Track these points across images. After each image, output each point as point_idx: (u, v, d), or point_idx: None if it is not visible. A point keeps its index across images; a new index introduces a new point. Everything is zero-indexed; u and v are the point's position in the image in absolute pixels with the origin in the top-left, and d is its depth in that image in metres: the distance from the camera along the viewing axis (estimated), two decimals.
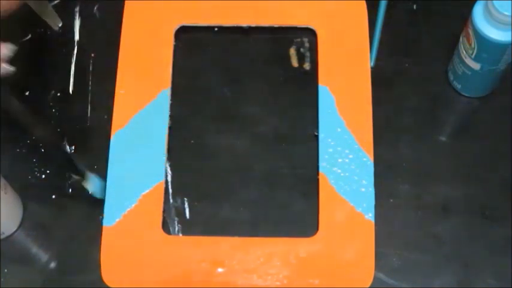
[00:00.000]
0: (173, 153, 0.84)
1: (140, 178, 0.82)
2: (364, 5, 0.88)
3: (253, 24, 0.88)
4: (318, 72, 0.86)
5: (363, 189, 0.81)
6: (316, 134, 0.83)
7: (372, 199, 0.80)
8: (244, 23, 0.89)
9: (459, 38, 0.82)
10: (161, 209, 0.81)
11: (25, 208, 0.82)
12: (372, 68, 0.86)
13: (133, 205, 0.81)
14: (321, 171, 0.82)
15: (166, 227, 0.81)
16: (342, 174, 0.81)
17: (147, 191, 0.82)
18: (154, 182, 0.82)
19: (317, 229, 0.80)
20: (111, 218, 0.80)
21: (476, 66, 0.81)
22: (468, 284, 0.79)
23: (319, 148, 0.83)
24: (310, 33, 0.88)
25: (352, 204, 0.80)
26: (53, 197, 0.83)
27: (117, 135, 0.84)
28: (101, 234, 0.80)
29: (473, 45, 0.79)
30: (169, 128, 0.84)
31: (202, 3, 0.89)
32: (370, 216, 0.80)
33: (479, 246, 0.80)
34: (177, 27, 0.89)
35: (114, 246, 0.80)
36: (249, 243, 0.80)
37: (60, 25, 0.84)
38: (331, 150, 0.82)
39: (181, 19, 0.89)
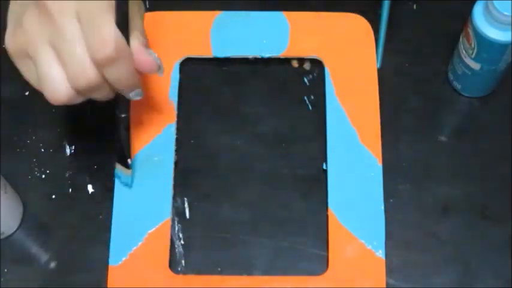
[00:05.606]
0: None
1: (146, 216, 0.79)
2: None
3: (258, 56, 0.87)
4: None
5: (373, 226, 0.79)
6: (324, 168, 0.82)
7: (383, 235, 0.78)
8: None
9: (459, 38, 0.82)
10: (168, 248, 0.79)
11: (25, 208, 0.82)
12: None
13: (139, 243, 0.78)
14: (329, 207, 0.80)
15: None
16: (351, 211, 0.79)
17: (154, 229, 0.79)
18: (160, 220, 0.79)
19: (327, 267, 0.78)
20: (118, 257, 0.78)
21: (476, 66, 0.81)
22: (468, 284, 0.79)
23: (328, 183, 0.80)
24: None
25: (361, 241, 0.78)
26: (53, 197, 0.83)
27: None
28: (107, 274, 0.78)
29: (473, 45, 0.79)
30: (175, 163, 0.82)
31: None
32: (380, 253, 0.77)
33: (479, 246, 0.80)
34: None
35: (120, 286, 0.77)
36: (258, 283, 0.77)
37: None
38: (340, 185, 0.80)
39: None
